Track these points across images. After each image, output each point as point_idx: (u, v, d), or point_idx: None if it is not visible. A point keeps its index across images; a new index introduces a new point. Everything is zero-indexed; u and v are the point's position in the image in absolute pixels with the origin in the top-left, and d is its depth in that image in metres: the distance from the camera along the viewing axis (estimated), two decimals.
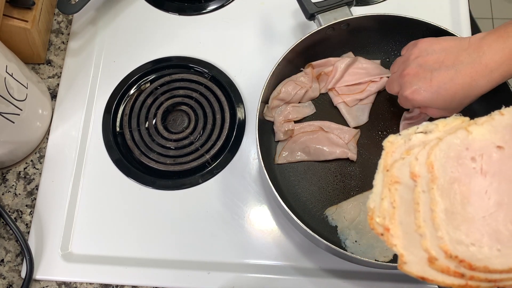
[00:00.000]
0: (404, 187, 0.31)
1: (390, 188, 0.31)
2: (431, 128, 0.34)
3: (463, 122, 0.34)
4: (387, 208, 0.31)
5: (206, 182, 0.70)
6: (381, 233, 0.31)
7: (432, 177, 0.30)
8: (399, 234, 0.30)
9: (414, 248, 0.30)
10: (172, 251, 0.67)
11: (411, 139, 0.33)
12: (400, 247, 0.30)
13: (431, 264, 0.29)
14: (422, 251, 0.29)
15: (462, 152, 0.31)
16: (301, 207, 0.66)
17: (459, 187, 0.30)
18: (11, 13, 0.68)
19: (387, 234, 0.30)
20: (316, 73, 0.71)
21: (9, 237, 0.68)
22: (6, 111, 0.62)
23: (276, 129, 0.69)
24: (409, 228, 0.30)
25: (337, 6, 0.68)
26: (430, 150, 0.31)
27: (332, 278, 0.65)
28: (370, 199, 0.32)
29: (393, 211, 0.30)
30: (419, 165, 0.31)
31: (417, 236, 0.30)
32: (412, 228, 0.30)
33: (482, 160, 0.31)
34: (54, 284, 0.66)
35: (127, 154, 0.73)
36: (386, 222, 0.30)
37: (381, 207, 0.31)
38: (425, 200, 0.30)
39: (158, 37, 0.80)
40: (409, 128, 0.34)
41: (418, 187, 0.31)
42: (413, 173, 0.31)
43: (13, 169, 0.72)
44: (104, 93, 0.76)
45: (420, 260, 0.29)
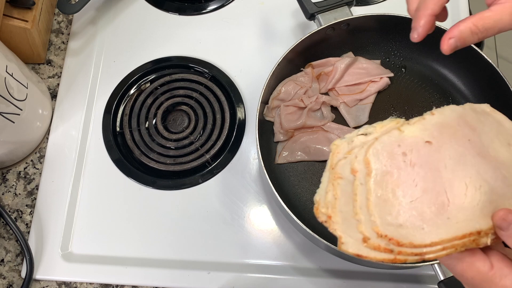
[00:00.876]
0: (345, 182, 0.36)
1: (333, 183, 0.36)
2: (370, 130, 0.38)
3: (398, 123, 0.38)
4: (330, 200, 0.35)
5: (206, 182, 0.70)
6: (324, 221, 0.35)
7: (368, 171, 0.35)
8: (339, 220, 0.35)
9: (351, 231, 0.34)
10: (172, 251, 0.67)
11: (353, 141, 0.37)
12: (339, 230, 0.35)
13: (365, 243, 0.34)
14: (358, 234, 0.34)
15: (394, 148, 0.36)
16: (301, 207, 0.66)
17: (391, 178, 0.35)
18: (11, 13, 0.68)
19: (329, 221, 0.35)
20: (316, 73, 0.71)
21: (9, 237, 0.68)
22: (6, 111, 0.62)
23: (275, 130, 0.69)
24: (348, 215, 0.35)
25: (337, 6, 0.68)
26: (367, 148, 0.36)
27: (332, 278, 0.65)
28: (316, 193, 0.37)
29: (334, 202, 0.35)
30: (357, 162, 0.35)
31: (354, 222, 0.34)
32: (350, 215, 0.34)
33: (411, 154, 0.36)
34: (54, 284, 0.66)
35: (127, 154, 0.73)
36: (328, 211, 0.35)
37: (325, 199, 0.36)
38: (362, 191, 0.34)
39: (158, 37, 0.80)
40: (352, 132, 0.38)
41: (356, 180, 0.35)
42: (353, 169, 0.35)
43: (13, 169, 0.72)
44: (104, 93, 0.76)
45: (356, 240, 0.34)
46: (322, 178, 0.38)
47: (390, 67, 0.73)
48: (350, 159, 0.36)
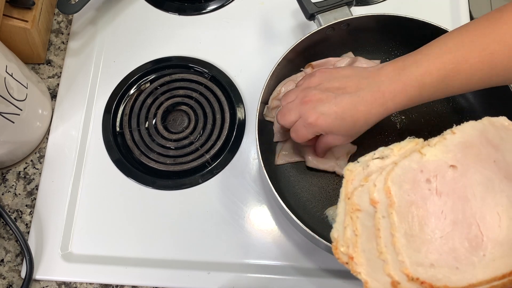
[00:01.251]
0: (365, 214, 0.32)
1: (352, 216, 0.32)
2: (387, 153, 0.35)
3: (417, 144, 0.35)
4: (350, 237, 0.32)
5: (206, 182, 0.70)
6: (345, 262, 0.32)
7: (390, 202, 0.31)
8: (363, 261, 0.31)
9: (378, 274, 0.30)
10: (172, 251, 0.67)
11: (369, 166, 0.34)
12: (364, 274, 0.31)
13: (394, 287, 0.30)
14: (386, 276, 0.30)
15: (417, 175, 0.32)
16: (301, 207, 0.66)
17: (416, 209, 0.31)
18: (11, 13, 0.68)
19: (351, 262, 0.32)
20: None
21: (9, 237, 0.68)
22: (6, 111, 0.62)
23: (275, 130, 0.69)
24: (371, 254, 0.31)
25: (337, 6, 0.68)
26: (386, 175, 0.32)
27: (332, 278, 0.65)
28: (333, 228, 0.33)
29: (355, 239, 0.31)
30: (377, 191, 0.32)
31: (380, 262, 0.31)
32: (375, 255, 0.31)
33: (436, 181, 0.32)
34: (54, 284, 0.66)
35: (127, 154, 0.73)
36: (349, 251, 0.31)
37: (344, 236, 0.32)
38: (385, 225, 0.31)
39: (158, 37, 0.80)
40: (366, 154, 0.35)
41: (378, 213, 0.31)
42: (372, 199, 0.32)
43: (13, 169, 0.72)
44: (104, 93, 0.76)
45: (384, 285, 0.30)
46: (337, 210, 0.34)
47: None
48: (368, 187, 0.33)
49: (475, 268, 0.29)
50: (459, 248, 0.30)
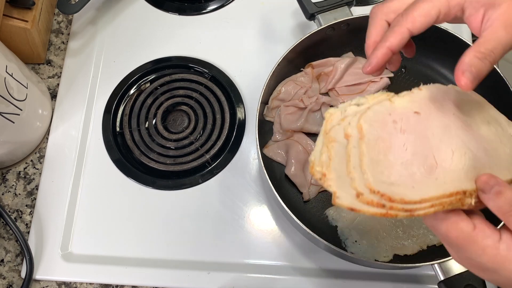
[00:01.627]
0: (339, 145, 0.38)
1: (328, 146, 0.38)
2: (362, 101, 0.40)
3: (388, 96, 0.41)
4: (324, 160, 0.38)
5: (206, 182, 0.70)
6: (319, 178, 0.37)
7: (360, 136, 0.37)
8: (333, 177, 0.37)
9: (345, 188, 0.36)
10: (172, 251, 0.67)
11: (346, 110, 0.40)
12: (334, 186, 0.37)
13: (358, 198, 0.36)
14: (352, 190, 0.36)
15: (385, 116, 0.39)
16: (301, 207, 0.66)
17: (382, 142, 0.37)
18: (11, 13, 0.68)
19: (324, 178, 0.37)
20: (316, 73, 0.71)
21: (9, 237, 0.68)
22: (6, 111, 0.62)
23: (275, 129, 0.69)
24: (342, 173, 0.37)
25: (337, 6, 0.68)
26: (360, 116, 0.38)
27: (332, 278, 0.65)
28: (311, 154, 0.39)
29: (329, 162, 0.37)
30: (351, 127, 0.38)
31: (348, 180, 0.36)
32: (344, 173, 0.37)
33: (401, 122, 0.39)
34: (54, 284, 0.66)
35: (127, 154, 0.73)
36: (323, 169, 0.37)
37: (320, 159, 0.38)
38: (355, 153, 0.37)
39: (158, 37, 0.80)
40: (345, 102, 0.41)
41: (349, 143, 0.37)
42: (346, 133, 0.38)
43: (13, 169, 0.72)
44: (104, 93, 0.76)
45: (350, 195, 0.36)
46: (316, 142, 0.40)
47: None
48: (343, 125, 0.39)
49: (428, 188, 0.36)
50: (416, 173, 0.37)
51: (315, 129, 0.69)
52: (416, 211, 0.36)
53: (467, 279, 0.53)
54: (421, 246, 0.62)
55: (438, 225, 0.37)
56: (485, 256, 0.36)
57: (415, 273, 0.65)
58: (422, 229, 0.63)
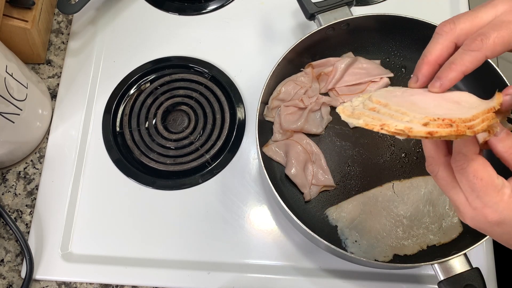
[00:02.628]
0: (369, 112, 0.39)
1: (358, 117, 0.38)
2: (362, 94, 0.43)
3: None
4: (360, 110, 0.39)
5: (206, 182, 0.70)
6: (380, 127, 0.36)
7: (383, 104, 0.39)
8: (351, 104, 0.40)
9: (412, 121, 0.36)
10: (172, 251, 0.67)
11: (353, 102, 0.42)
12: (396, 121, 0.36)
13: (427, 125, 0.35)
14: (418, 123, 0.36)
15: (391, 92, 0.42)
16: (301, 207, 0.66)
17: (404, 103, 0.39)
18: (11, 13, 0.68)
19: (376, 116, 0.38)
20: (316, 73, 0.71)
21: (9, 237, 0.68)
22: (6, 111, 0.62)
23: (275, 129, 0.69)
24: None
25: (337, 6, 0.68)
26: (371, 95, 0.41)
27: (332, 278, 0.65)
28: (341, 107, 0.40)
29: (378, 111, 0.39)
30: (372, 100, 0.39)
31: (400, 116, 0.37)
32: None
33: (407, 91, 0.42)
34: (54, 284, 0.66)
35: (127, 154, 0.73)
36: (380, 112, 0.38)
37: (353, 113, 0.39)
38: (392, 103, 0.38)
39: (158, 37, 0.80)
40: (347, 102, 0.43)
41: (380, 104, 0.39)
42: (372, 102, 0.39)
43: (13, 169, 0.72)
44: (104, 93, 0.76)
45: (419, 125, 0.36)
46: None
47: (390, 67, 0.73)
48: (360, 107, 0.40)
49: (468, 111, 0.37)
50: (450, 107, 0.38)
51: (315, 130, 0.69)
52: (475, 127, 0.36)
53: (467, 279, 0.53)
54: (421, 246, 0.62)
55: (467, 165, 0.38)
56: (502, 203, 0.37)
57: (415, 273, 0.65)
58: (422, 229, 0.63)
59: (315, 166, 0.67)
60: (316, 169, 0.66)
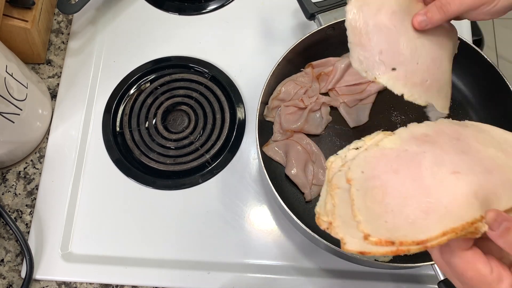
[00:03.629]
0: (342, 191, 0.38)
1: (331, 194, 0.38)
2: (360, 144, 0.41)
3: (385, 135, 0.41)
4: (329, 209, 0.38)
5: (206, 182, 0.70)
6: (326, 228, 0.37)
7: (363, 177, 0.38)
8: (339, 224, 0.37)
9: (353, 232, 0.36)
10: (172, 251, 0.67)
11: (346, 156, 0.41)
12: (341, 233, 0.36)
13: (366, 240, 0.35)
14: (359, 233, 0.35)
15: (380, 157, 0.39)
16: (301, 207, 0.66)
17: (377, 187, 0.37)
18: (11, 13, 0.68)
19: (331, 226, 0.37)
20: (316, 73, 0.71)
21: (9, 237, 0.68)
22: (6, 111, 0.62)
23: (275, 129, 0.69)
24: (347, 218, 0.37)
25: (337, 6, 0.68)
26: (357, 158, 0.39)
27: (332, 278, 0.65)
28: (317, 205, 0.39)
29: (333, 209, 0.38)
30: (351, 172, 0.38)
31: (354, 223, 0.36)
32: (350, 218, 0.36)
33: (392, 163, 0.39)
34: (54, 284, 0.66)
35: (127, 154, 0.73)
36: (329, 218, 0.37)
37: (325, 208, 0.38)
38: (358, 195, 0.37)
39: (158, 37, 0.80)
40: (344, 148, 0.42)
41: (352, 187, 0.38)
42: (348, 178, 0.38)
43: (13, 169, 0.72)
44: (104, 93, 0.76)
45: (357, 239, 0.35)
46: (321, 192, 0.41)
47: None
48: (344, 171, 0.39)
49: (434, 225, 0.35)
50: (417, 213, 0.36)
51: (314, 130, 0.69)
52: (428, 242, 0.34)
53: None
54: None
55: (454, 262, 0.36)
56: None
57: (415, 273, 0.65)
58: None
59: (315, 166, 0.67)
60: (316, 169, 0.66)
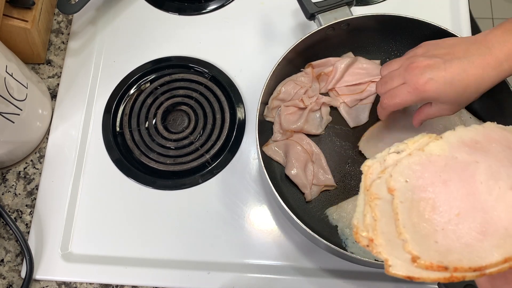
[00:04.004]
0: (383, 202, 0.34)
1: (371, 204, 0.34)
2: (402, 147, 0.36)
3: (430, 138, 0.37)
4: (369, 222, 0.33)
5: (206, 182, 0.70)
6: (366, 245, 0.33)
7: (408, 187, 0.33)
8: (382, 242, 0.32)
9: (398, 252, 0.31)
10: (172, 251, 0.67)
11: (385, 160, 0.36)
12: (384, 253, 0.32)
13: (415, 263, 0.31)
14: (405, 254, 0.31)
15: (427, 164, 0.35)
16: (301, 207, 0.66)
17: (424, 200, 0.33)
18: (11, 13, 0.68)
19: (372, 244, 0.33)
20: (316, 73, 0.71)
21: (9, 237, 0.68)
22: (6, 111, 0.62)
23: (275, 129, 0.69)
24: (391, 236, 0.32)
25: (337, 6, 0.68)
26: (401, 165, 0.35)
27: (332, 278, 0.65)
28: (354, 217, 0.35)
29: (374, 224, 0.33)
30: (393, 180, 0.34)
31: (400, 242, 0.32)
32: (394, 236, 0.32)
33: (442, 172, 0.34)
34: (54, 284, 0.66)
35: (127, 154, 0.73)
36: (369, 234, 0.33)
37: (364, 222, 0.33)
38: (403, 209, 0.32)
39: (158, 37, 0.80)
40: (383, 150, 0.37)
41: (395, 199, 0.33)
42: (390, 188, 0.34)
43: (13, 169, 0.72)
44: (104, 93, 0.76)
45: (404, 261, 0.31)
46: (357, 201, 0.36)
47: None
48: (385, 178, 0.35)
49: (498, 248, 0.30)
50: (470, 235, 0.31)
51: (314, 130, 0.69)
52: (487, 269, 0.30)
53: None
54: None
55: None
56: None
57: None
58: None
59: (316, 166, 0.67)
60: (316, 169, 0.66)
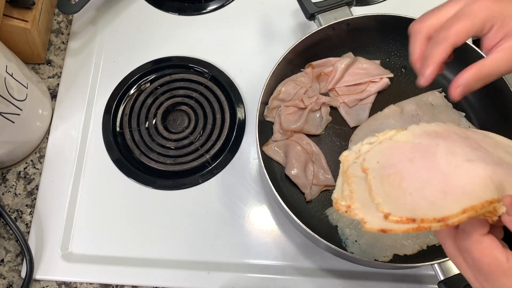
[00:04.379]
0: (358, 179, 0.39)
1: (348, 182, 0.39)
2: (373, 140, 0.42)
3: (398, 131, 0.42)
4: (347, 194, 0.39)
5: (206, 182, 0.70)
6: (345, 211, 0.38)
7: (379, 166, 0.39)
8: (358, 206, 0.37)
9: (372, 213, 0.36)
10: (172, 251, 0.67)
11: (360, 150, 0.42)
12: (360, 214, 0.37)
13: (387, 219, 0.35)
14: (379, 213, 0.36)
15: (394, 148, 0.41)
16: (301, 207, 0.66)
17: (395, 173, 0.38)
18: (11, 13, 0.68)
19: (349, 209, 0.38)
20: (316, 73, 0.71)
21: (9, 237, 0.68)
22: (6, 111, 0.62)
23: (275, 129, 0.69)
24: (366, 201, 0.37)
25: (337, 6, 0.68)
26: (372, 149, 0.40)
27: (332, 278, 0.65)
28: (333, 193, 0.40)
29: (351, 194, 0.38)
30: (367, 162, 0.39)
31: (373, 206, 0.37)
32: (368, 201, 0.37)
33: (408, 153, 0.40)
34: (54, 284, 0.66)
35: (127, 154, 0.73)
36: (347, 202, 0.38)
37: (342, 195, 0.39)
38: (375, 182, 0.38)
39: (158, 37, 0.80)
40: (357, 144, 0.42)
41: (369, 175, 0.38)
42: (364, 168, 0.39)
43: (13, 169, 0.72)
44: (104, 93, 0.76)
45: (378, 218, 0.36)
46: (336, 182, 0.41)
47: (390, 67, 0.73)
48: (359, 162, 0.40)
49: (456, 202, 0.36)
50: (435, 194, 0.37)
51: (314, 130, 0.69)
52: (449, 219, 0.35)
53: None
54: (421, 246, 0.62)
55: (470, 248, 0.36)
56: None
57: (415, 273, 0.65)
58: None
59: (316, 166, 0.67)
60: (316, 169, 0.66)
